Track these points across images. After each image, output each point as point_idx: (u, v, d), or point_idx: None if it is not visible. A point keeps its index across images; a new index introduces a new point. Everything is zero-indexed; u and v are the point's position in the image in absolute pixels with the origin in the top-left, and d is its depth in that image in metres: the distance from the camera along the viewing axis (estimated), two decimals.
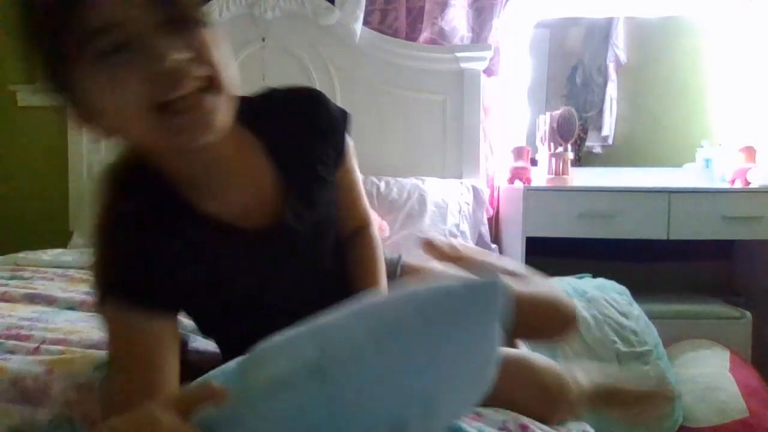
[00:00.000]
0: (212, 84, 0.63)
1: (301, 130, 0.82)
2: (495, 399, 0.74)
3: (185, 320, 0.91)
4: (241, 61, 2.45)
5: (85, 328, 1.03)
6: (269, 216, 0.78)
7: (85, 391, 0.82)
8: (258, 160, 0.78)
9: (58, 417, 0.80)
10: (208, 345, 0.99)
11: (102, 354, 0.88)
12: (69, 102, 0.65)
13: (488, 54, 2.34)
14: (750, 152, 2.15)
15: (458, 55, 2.34)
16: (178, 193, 0.72)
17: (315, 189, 0.83)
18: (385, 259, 1.01)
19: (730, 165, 2.22)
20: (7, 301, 1.28)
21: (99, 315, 0.71)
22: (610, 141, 2.47)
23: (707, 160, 2.32)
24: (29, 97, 2.64)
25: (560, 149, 2.21)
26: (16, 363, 0.87)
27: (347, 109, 0.89)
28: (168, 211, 0.71)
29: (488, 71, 2.39)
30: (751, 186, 2.08)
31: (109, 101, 0.61)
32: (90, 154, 2.48)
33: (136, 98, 0.60)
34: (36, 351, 0.93)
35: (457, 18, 2.38)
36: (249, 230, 0.75)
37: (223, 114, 0.65)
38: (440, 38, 2.39)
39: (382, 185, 2.19)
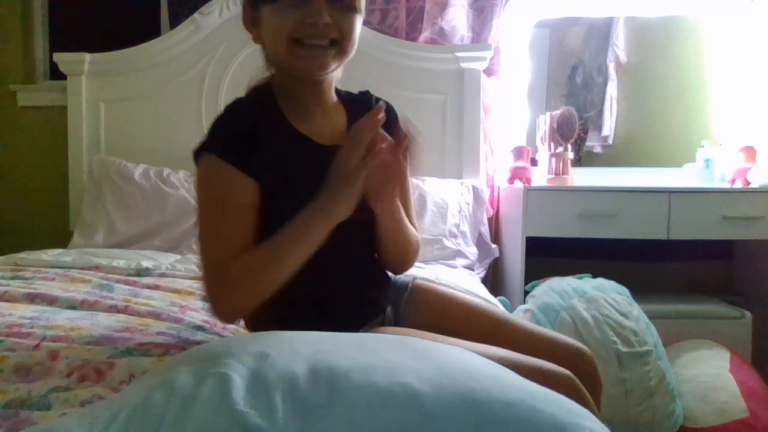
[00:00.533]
0: (337, 46, 0.92)
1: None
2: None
3: None
4: (241, 61, 2.45)
5: (85, 326, 1.03)
6: (335, 140, 0.96)
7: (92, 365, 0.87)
8: (338, 107, 1.04)
9: (57, 388, 0.80)
10: None
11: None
12: (248, 16, 0.96)
13: (488, 54, 2.34)
14: (750, 152, 2.15)
15: (458, 55, 2.34)
16: (285, 112, 0.97)
17: None
18: (397, 281, 1.14)
19: (730, 165, 2.22)
20: (7, 300, 1.28)
21: (199, 178, 0.91)
22: (610, 141, 2.47)
23: (707, 160, 2.32)
24: (29, 97, 2.65)
25: (560, 149, 2.21)
26: (18, 353, 0.88)
27: None
28: (274, 117, 0.96)
29: (488, 71, 2.39)
30: (751, 186, 2.08)
31: (271, 25, 0.91)
32: (90, 154, 2.48)
33: (285, 28, 0.89)
34: (37, 348, 0.93)
35: (457, 18, 2.38)
36: (324, 146, 0.96)
37: (334, 64, 0.93)
38: (440, 38, 2.39)
39: None
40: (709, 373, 1.74)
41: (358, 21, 0.94)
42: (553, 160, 2.21)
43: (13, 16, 2.68)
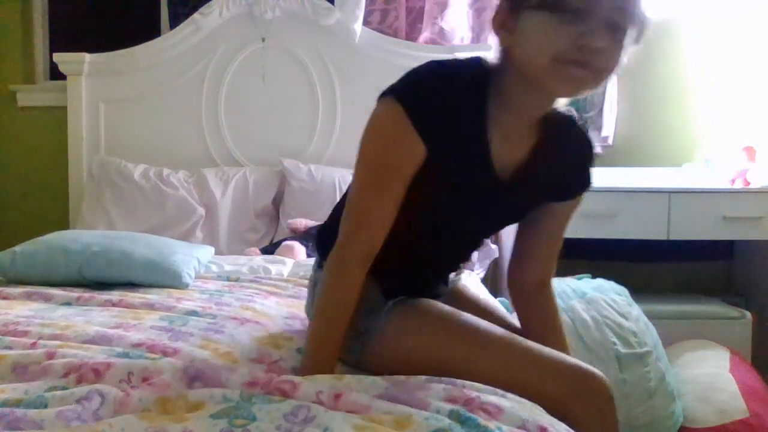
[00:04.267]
0: (598, 75, 0.81)
1: (571, 152, 0.97)
2: (525, 390, 0.83)
3: None
4: (241, 61, 2.46)
5: (80, 323, 1.03)
6: (508, 173, 0.92)
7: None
8: (535, 128, 0.92)
9: (54, 388, 0.80)
10: None
11: None
12: (504, 18, 0.84)
13: (488, 54, 2.34)
14: (750, 152, 2.15)
15: (458, 55, 2.34)
16: (488, 115, 0.88)
17: (540, 189, 0.96)
18: None
19: (730, 165, 2.21)
20: (5, 298, 1.28)
21: (374, 124, 0.88)
22: (610, 141, 2.47)
23: (707, 160, 2.31)
24: (29, 97, 2.65)
25: None
26: (15, 351, 0.88)
27: (347, 109, 0.98)
28: (475, 113, 0.87)
29: None
30: (751, 186, 2.07)
31: (535, 37, 0.80)
32: (90, 154, 2.48)
33: (553, 46, 0.78)
34: (34, 346, 0.93)
35: (457, 18, 2.38)
36: (497, 179, 0.91)
37: (586, 92, 0.83)
38: (440, 38, 2.39)
39: None
40: (709, 373, 1.74)
41: (625, 52, 0.83)
42: None
43: (13, 16, 2.68)
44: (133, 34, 2.61)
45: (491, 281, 2.36)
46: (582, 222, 2.04)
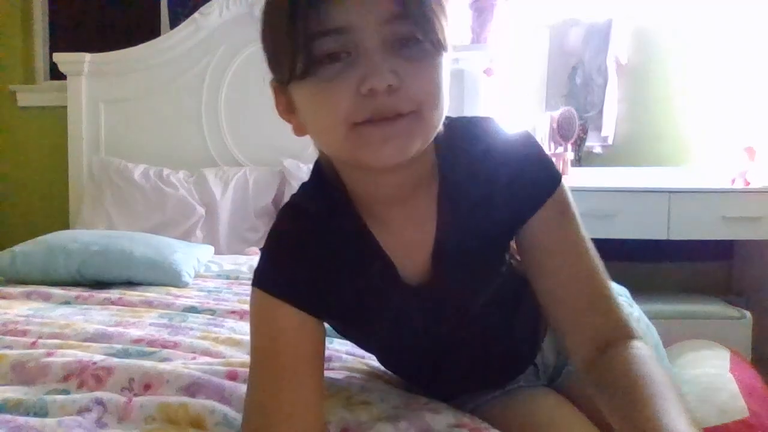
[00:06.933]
0: (416, 114, 0.58)
1: (494, 178, 0.68)
2: None
3: None
4: (241, 61, 2.45)
5: (79, 322, 1.03)
6: (422, 265, 0.70)
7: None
8: (425, 201, 0.68)
9: (54, 391, 0.79)
10: None
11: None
12: (282, 99, 0.65)
13: (488, 54, 2.34)
14: (750, 152, 2.15)
15: (458, 55, 2.34)
16: (356, 214, 0.68)
17: (483, 251, 0.71)
18: None
19: (730, 165, 2.21)
20: (4, 298, 1.28)
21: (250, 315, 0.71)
22: (610, 141, 2.47)
23: (707, 160, 2.31)
24: (29, 97, 2.65)
25: (560, 149, 2.21)
26: (15, 351, 0.88)
27: None
28: (350, 223, 0.68)
29: (488, 71, 2.39)
30: (751, 186, 2.07)
31: (311, 111, 0.61)
32: (90, 154, 2.48)
33: (335, 109, 0.57)
34: (34, 345, 0.93)
35: (457, 18, 2.38)
36: (407, 286, 0.70)
37: (417, 144, 0.59)
38: None
39: None
40: (709, 373, 1.73)
41: (444, 68, 0.60)
42: (554, 160, 2.21)
43: (13, 16, 2.68)
44: (134, 34, 2.61)
45: None
46: (582, 222, 2.04)
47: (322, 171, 0.71)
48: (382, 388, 0.82)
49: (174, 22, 2.56)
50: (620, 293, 1.81)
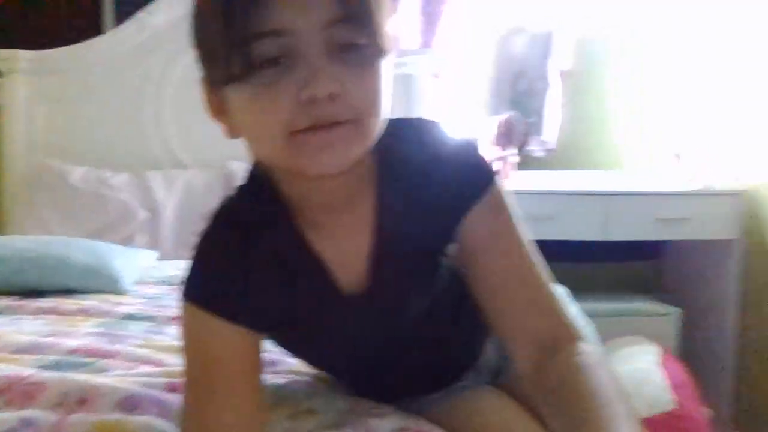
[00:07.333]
0: (355, 122, 0.57)
1: (431, 182, 0.67)
2: None
3: None
4: (186, 62, 2.42)
5: (8, 333, 1.01)
6: (360, 272, 0.68)
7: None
8: (363, 207, 0.67)
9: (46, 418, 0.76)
10: None
11: None
12: (213, 100, 0.62)
13: (436, 60, 2.38)
14: (680, 158, 2.26)
15: (406, 60, 2.37)
16: (292, 221, 0.67)
17: (422, 256, 0.70)
18: None
19: (661, 169, 2.32)
20: None
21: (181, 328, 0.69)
22: (551, 146, 2.55)
23: (640, 165, 2.42)
24: None
25: (506, 153, 2.27)
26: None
27: None
28: (284, 231, 0.66)
29: (435, 77, 2.43)
30: (680, 189, 2.17)
31: (248, 117, 0.58)
32: (27, 156, 2.39)
33: (274, 116, 0.55)
34: None
35: (406, 24, 2.42)
36: (342, 297, 0.68)
37: (355, 152, 0.59)
38: None
39: None
40: (640, 368, 1.82)
41: (385, 73, 0.59)
42: (498, 163, 2.26)
43: None
44: (75, 32, 2.53)
45: None
46: (521, 223, 2.09)
47: (257, 175, 0.68)
48: (328, 394, 0.82)
49: (119, 21, 2.50)
50: (559, 293, 1.87)
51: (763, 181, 2.01)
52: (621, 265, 2.49)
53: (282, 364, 0.94)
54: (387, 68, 0.59)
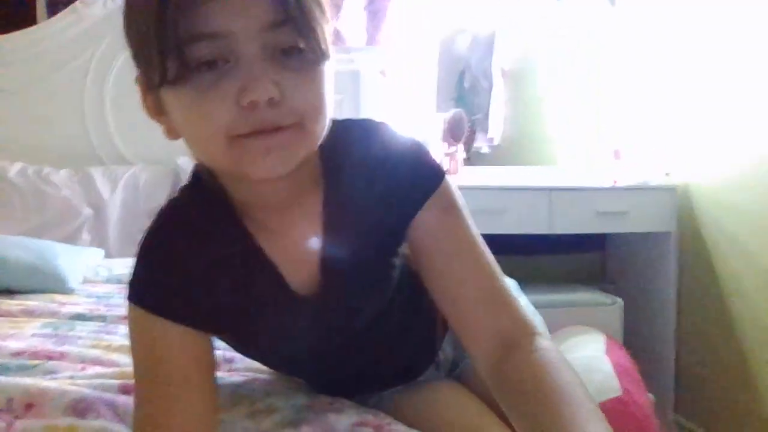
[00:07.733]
0: (298, 126, 0.55)
1: (379, 181, 0.67)
2: None
3: None
4: (127, 55, 2.34)
5: None
6: (310, 273, 0.67)
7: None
8: (311, 207, 0.66)
9: None
10: None
11: None
12: (152, 102, 0.59)
13: (383, 56, 2.40)
14: (617, 154, 2.36)
15: (354, 56, 2.37)
16: (239, 222, 0.65)
17: (373, 257, 0.69)
18: None
19: (602, 165, 2.42)
20: None
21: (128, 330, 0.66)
22: (496, 142, 2.61)
23: (581, 160, 2.52)
24: None
25: (453, 149, 2.30)
26: None
27: None
28: (229, 229, 0.65)
29: (382, 74, 2.45)
30: (619, 184, 2.27)
31: (187, 120, 0.56)
32: None
33: (212, 126, 0.53)
34: None
35: (352, 20, 2.42)
36: (290, 287, 0.67)
37: (299, 156, 0.57)
38: (336, 39, 2.41)
39: None
40: (587, 356, 1.89)
41: (327, 76, 0.58)
42: (446, 159, 2.30)
43: None
44: (6, 21, 2.40)
45: None
46: (472, 219, 2.14)
47: (202, 176, 0.66)
48: (286, 391, 0.81)
49: (52, 11, 2.39)
50: (510, 285, 1.92)
51: (693, 179, 2.13)
52: (567, 257, 2.58)
53: (239, 362, 0.93)
54: (329, 71, 0.58)
